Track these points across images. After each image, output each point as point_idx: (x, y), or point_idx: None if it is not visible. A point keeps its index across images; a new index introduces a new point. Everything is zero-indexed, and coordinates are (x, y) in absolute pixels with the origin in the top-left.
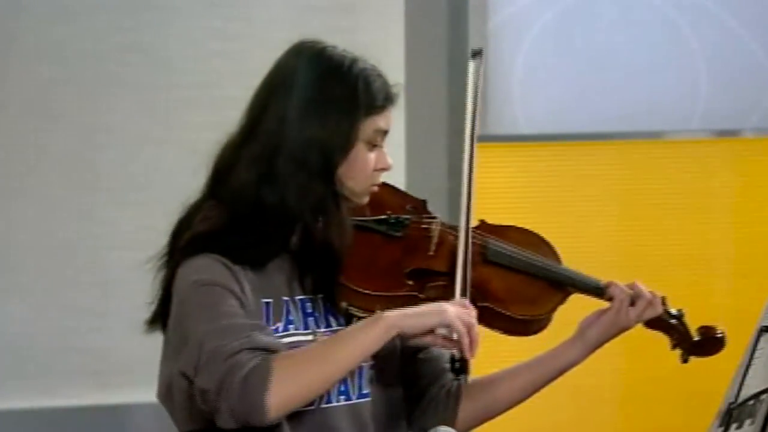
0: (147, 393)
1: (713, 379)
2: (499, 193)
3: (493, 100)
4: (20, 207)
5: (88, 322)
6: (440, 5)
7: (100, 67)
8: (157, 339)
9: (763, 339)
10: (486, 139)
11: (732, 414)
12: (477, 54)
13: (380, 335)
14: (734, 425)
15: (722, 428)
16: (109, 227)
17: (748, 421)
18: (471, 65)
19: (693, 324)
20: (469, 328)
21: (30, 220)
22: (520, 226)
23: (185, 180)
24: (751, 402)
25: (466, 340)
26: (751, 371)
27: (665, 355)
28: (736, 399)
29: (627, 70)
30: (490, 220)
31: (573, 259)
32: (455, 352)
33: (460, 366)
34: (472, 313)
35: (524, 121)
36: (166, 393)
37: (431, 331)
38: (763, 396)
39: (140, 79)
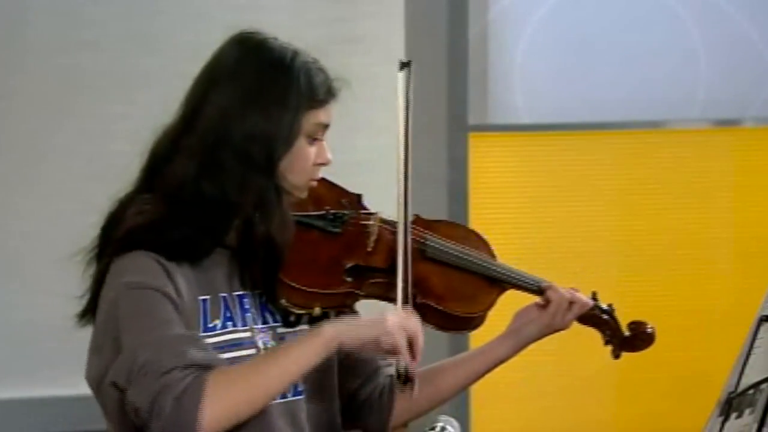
0: None
1: (706, 362)
2: (499, 181)
3: (493, 90)
4: (26, 197)
5: None
6: None
7: (106, 57)
8: None
9: (763, 328)
10: (486, 128)
11: (732, 403)
12: (405, 66)
13: (320, 349)
14: (734, 415)
15: (722, 417)
16: None
17: (747, 411)
18: (400, 77)
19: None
20: (411, 339)
21: (36, 210)
22: (452, 221)
23: None
24: (751, 391)
25: (406, 353)
26: (751, 360)
27: (659, 340)
28: (735, 388)
29: (627, 59)
30: (489, 208)
31: (573, 247)
32: (399, 362)
33: (406, 376)
34: (414, 323)
35: (524, 110)
36: (96, 387)
37: (373, 343)
38: (763, 385)
39: (144, 68)
